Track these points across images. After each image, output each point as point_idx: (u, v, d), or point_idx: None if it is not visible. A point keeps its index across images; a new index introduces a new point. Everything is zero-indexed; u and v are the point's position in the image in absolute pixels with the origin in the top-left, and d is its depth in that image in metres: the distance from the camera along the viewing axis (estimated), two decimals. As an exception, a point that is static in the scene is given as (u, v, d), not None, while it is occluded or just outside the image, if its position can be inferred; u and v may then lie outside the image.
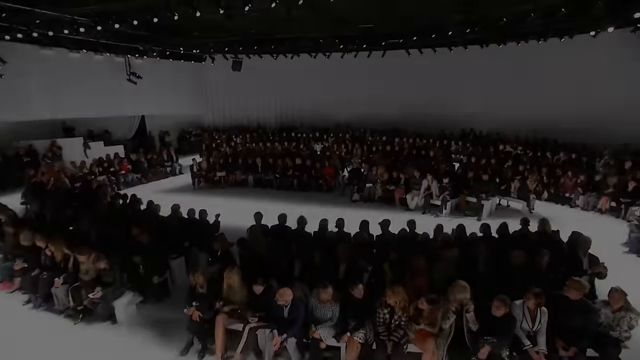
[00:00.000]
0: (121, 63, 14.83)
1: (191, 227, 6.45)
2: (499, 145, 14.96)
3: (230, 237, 6.88)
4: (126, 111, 15.85)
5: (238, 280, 4.28)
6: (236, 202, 10.75)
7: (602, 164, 12.16)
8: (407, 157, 13.57)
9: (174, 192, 11.99)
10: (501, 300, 3.77)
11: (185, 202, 10.51)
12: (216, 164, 12.76)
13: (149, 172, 13.38)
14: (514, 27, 11.97)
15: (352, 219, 8.81)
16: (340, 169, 13.22)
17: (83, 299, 4.64)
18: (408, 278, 4.55)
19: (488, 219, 9.13)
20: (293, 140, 17.38)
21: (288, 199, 11.10)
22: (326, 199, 11.05)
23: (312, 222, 6.37)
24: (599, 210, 9.65)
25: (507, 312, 3.79)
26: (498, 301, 3.77)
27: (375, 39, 14.23)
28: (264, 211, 6.76)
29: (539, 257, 4.65)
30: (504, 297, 3.81)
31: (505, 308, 3.77)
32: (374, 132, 18.93)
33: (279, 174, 12.22)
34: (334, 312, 4.13)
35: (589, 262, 4.87)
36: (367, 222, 6.04)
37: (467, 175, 9.79)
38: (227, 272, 4.26)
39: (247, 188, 12.55)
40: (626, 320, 3.85)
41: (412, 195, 9.96)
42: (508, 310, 3.80)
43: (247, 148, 15.75)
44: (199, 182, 12.45)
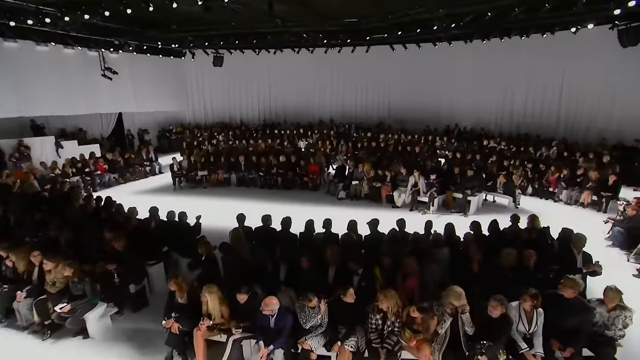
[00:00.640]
0: (95, 57, 14.05)
1: (170, 230, 6.10)
2: (483, 141, 15.04)
3: (212, 240, 6.57)
4: (101, 108, 15.08)
5: (216, 299, 3.98)
6: (219, 202, 10.40)
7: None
8: (392, 154, 13.47)
9: (154, 193, 11.53)
10: (497, 300, 3.64)
11: (165, 202, 10.17)
12: (197, 163, 12.34)
13: (126, 172, 12.83)
14: (498, 23, 11.97)
15: (338, 217, 8.60)
16: (326, 166, 13.01)
17: (50, 313, 4.25)
18: (399, 280, 4.38)
19: (475, 215, 9.15)
20: (277, 137, 17.03)
21: (272, 197, 10.83)
22: (312, 198, 10.83)
23: (297, 222, 6.14)
24: (581, 204, 9.78)
25: (503, 312, 3.66)
26: (494, 301, 3.64)
27: (359, 33, 14.00)
28: (247, 211, 6.48)
29: (529, 255, 4.55)
30: (500, 296, 3.69)
31: (501, 308, 3.64)
32: (358, 128, 18.79)
33: (263, 172, 11.90)
34: (323, 319, 3.91)
35: (583, 260, 4.79)
36: (355, 223, 5.84)
37: (454, 172, 9.72)
38: (204, 291, 3.95)
39: (229, 187, 12.20)
40: (621, 319, 3.78)
41: (399, 192, 9.84)
42: (504, 310, 3.67)
43: (230, 146, 15.33)
44: (179, 182, 11.99)
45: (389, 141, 15.32)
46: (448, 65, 17.15)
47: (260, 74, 20.74)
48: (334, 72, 20.10)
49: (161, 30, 13.51)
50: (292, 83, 20.71)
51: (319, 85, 20.73)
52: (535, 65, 14.83)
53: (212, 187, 12.03)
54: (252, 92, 21.44)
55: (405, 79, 18.65)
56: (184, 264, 6.15)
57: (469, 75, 16.78)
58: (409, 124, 18.58)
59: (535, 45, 14.09)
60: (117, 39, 13.30)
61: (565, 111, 14.69)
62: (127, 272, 4.82)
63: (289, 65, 19.91)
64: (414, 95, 18.82)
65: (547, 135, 14.70)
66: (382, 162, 11.86)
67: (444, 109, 18.24)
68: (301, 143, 16.62)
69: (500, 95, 16.33)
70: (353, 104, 20.58)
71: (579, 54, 13.38)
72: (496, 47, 14.90)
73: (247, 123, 21.22)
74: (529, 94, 15.52)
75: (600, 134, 13.65)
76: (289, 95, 21.14)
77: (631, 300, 4.09)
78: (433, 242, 5.03)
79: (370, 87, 19.99)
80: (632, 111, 12.75)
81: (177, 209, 6.66)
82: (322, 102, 21.00)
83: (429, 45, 15.97)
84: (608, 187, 9.42)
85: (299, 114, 21.20)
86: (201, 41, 15.46)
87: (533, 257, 4.50)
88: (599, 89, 13.46)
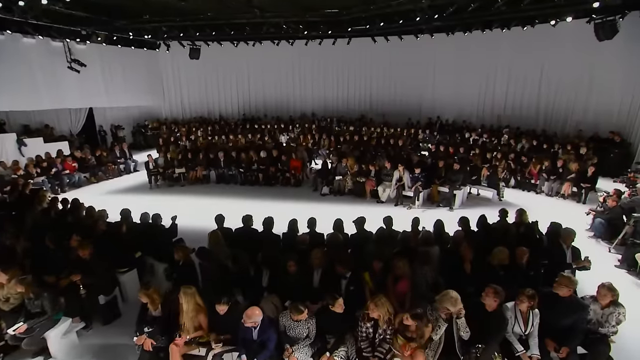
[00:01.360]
0: (59, 48, 13.01)
1: (143, 234, 5.68)
2: (465, 133, 15.08)
3: (192, 242, 6.20)
4: (69, 103, 14.11)
5: (193, 303, 3.65)
6: (198, 201, 9.97)
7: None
8: (376, 147, 13.31)
9: (129, 192, 10.95)
10: (493, 287, 3.48)
11: (141, 202, 9.72)
12: (174, 160, 11.79)
13: (99, 170, 12.13)
14: (480, 15, 11.90)
15: (322, 214, 8.37)
16: (308, 161, 12.72)
17: (3, 334, 3.81)
18: (390, 283, 4.16)
19: (460, 209, 9.11)
20: (257, 132, 16.57)
21: (253, 195, 10.49)
22: (294, 194, 10.55)
23: (281, 221, 5.85)
24: (562, 196, 9.89)
25: (498, 303, 3.51)
26: (489, 288, 3.48)
27: (340, 25, 13.67)
28: (228, 209, 6.13)
29: (522, 253, 4.43)
30: (497, 286, 3.52)
31: (494, 297, 3.48)
32: (340, 122, 18.55)
33: (243, 169, 11.50)
34: (310, 329, 3.65)
35: (572, 255, 4.71)
36: (341, 222, 5.58)
37: (439, 165, 9.62)
38: (181, 294, 3.62)
39: (209, 185, 11.75)
40: (615, 316, 3.70)
41: (383, 187, 9.67)
42: (499, 301, 3.52)
43: (208, 141, 14.78)
44: (156, 180, 11.44)
45: (372, 135, 15.16)
46: (430, 57, 17.12)
47: (239, 67, 20.14)
48: (315, 64, 19.73)
49: (132, 20, 12.74)
50: (272, 76, 20.23)
51: (300, 78, 20.33)
52: (516, 58, 14.93)
53: (191, 185, 11.56)
54: (231, 85, 20.81)
55: (387, 71, 18.52)
56: (160, 270, 5.75)
57: (451, 68, 16.79)
58: (391, 117, 18.49)
59: (515, 38, 14.16)
60: (83, 28, 12.40)
61: (544, 103, 14.89)
62: (95, 282, 4.40)
63: (268, 57, 19.41)
64: (396, 88, 18.75)
65: (528, 127, 14.88)
66: (365, 156, 11.67)
67: (425, 101, 18.22)
68: (282, 137, 16.28)
69: (482, 87, 16.41)
70: (335, 97, 20.31)
71: (558, 46, 13.51)
72: (477, 39, 14.89)
73: (226, 118, 20.61)
74: (509, 86, 15.64)
75: (577, 126, 13.91)
76: (269, 89, 20.65)
77: (622, 294, 4.03)
78: (423, 240, 4.84)
79: (352, 80, 19.76)
80: (606, 104, 13.01)
81: (153, 208, 6.27)
82: (303, 95, 20.63)
83: (411, 38, 15.82)
84: (587, 179, 9.56)
85: (280, 107, 20.78)
86: (176, 32, 14.72)
87: (526, 255, 4.38)
88: (576, 81, 13.66)
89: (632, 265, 6.09)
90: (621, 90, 12.50)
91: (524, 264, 4.45)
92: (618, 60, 12.22)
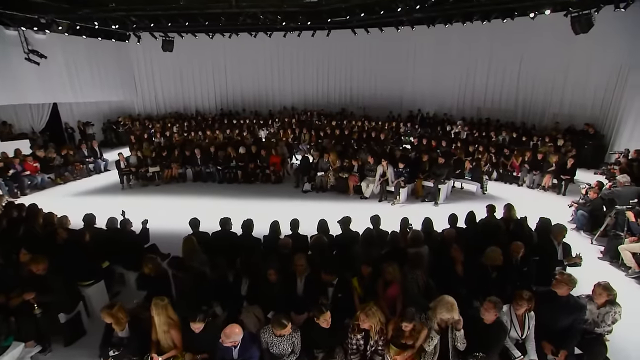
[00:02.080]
0: (15, 38, 11.86)
1: (110, 241, 5.20)
2: (447, 126, 15.05)
3: (167, 246, 5.81)
4: (29, 98, 13.01)
5: (164, 316, 3.28)
6: (173, 201, 9.48)
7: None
8: (358, 141, 13.07)
9: (98, 194, 10.28)
10: (493, 302, 3.25)
11: (112, 204, 9.09)
12: (148, 158, 11.16)
13: (65, 171, 11.34)
14: (461, 7, 11.78)
15: (305, 212, 8.11)
16: (288, 157, 12.35)
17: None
18: (380, 289, 3.90)
19: (445, 203, 9.01)
20: (236, 127, 16.01)
21: (232, 193, 10.07)
22: (275, 191, 10.21)
23: (261, 221, 5.50)
24: (543, 188, 9.97)
25: (497, 315, 3.30)
26: (489, 302, 3.25)
27: (319, 15, 13.25)
28: (205, 210, 5.72)
29: (517, 248, 4.27)
30: (496, 299, 3.30)
31: (495, 311, 3.26)
32: (321, 116, 18.21)
33: (221, 166, 11.02)
34: (295, 344, 3.34)
35: (563, 252, 4.59)
36: (325, 222, 5.26)
37: (423, 160, 9.47)
38: (152, 307, 3.23)
39: (185, 183, 11.22)
40: (611, 315, 3.58)
41: (366, 182, 9.45)
42: (498, 314, 3.31)
43: (184, 138, 14.13)
44: (128, 180, 10.79)
45: (353, 129, 14.92)
46: (410, 49, 16.98)
47: (216, 60, 19.42)
48: (294, 57, 19.27)
49: (96, 9, 11.86)
50: (250, 69, 19.63)
51: (279, 71, 19.82)
52: (495, 50, 14.98)
53: (166, 184, 10.99)
54: (207, 79, 20.04)
55: (367, 64, 18.28)
56: (131, 279, 5.32)
57: (431, 60, 16.71)
58: (372, 110, 18.31)
59: (495, 31, 14.16)
60: (41, 16, 11.39)
61: (522, 96, 15.02)
62: (53, 299, 3.93)
63: (246, 50, 18.80)
64: (377, 81, 18.57)
65: (507, 120, 15.00)
66: (347, 150, 11.42)
67: (406, 94, 18.13)
68: (262, 133, 15.81)
69: (462, 80, 16.41)
70: (314, 91, 19.95)
71: (537, 40, 13.60)
72: (458, 31, 14.81)
73: (203, 113, 19.86)
74: (489, 79, 15.69)
75: (554, 118, 14.11)
76: (246, 83, 20.04)
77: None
78: (411, 240, 4.60)
79: (332, 73, 19.43)
80: (581, 97, 13.24)
81: (126, 210, 5.76)
82: (282, 89, 20.15)
83: (391, 29, 15.57)
84: (567, 171, 9.66)
85: (259, 102, 20.25)
86: (146, 22, 13.87)
87: (522, 250, 4.22)
88: (553, 74, 13.82)
89: (615, 257, 6.11)
90: (595, 84, 12.73)
91: (518, 259, 4.29)
92: (593, 54, 12.41)
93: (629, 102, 11.34)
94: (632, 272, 5.66)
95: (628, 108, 11.37)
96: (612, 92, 12.24)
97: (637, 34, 11.00)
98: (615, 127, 11.88)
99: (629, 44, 11.31)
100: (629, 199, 6.14)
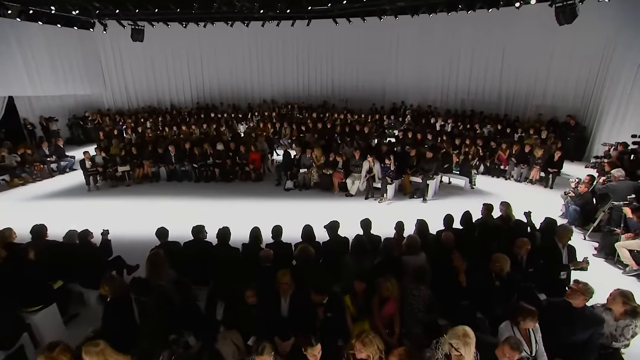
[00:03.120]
0: None
1: (63, 257, 4.51)
2: (431, 119, 14.75)
3: (138, 255, 5.07)
4: (-24, 91, 11.87)
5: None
6: (145, 203, 8.77)
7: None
8: (341, 135, 12.58)
9: (60, 197, 9.39)
10: (509, 344, 2.68)
11: (76, 208, 8.40)
12: (117, 156, 10.32)
13: (22, 172, 10.35)
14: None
15: (288, 213, 7.62)
16: (269, 152, 11.75)
17: None
18: (376, 307, 3.44)
19: (433, 199, 8.68)
20: (213, 121, 15.20)
21: (210, 193, 9.44)
22: (255, 190, 9.64)
23: (241, 223, 4.93)
24: (530, 181, 9.80)
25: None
26: (506, 345, 2.68)
27: (299, 3, 12.58)
28: (180, 211, 5.11)
29: (522, 245, 3.90)
30: (516, 340, 2.80)
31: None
32: (302, 109, 17.59)
33: (197, 164, 10.31)
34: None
35: (568, 255, 4.25)
36: (311, 229, 4.71)
37: (410, 154, 9.08)
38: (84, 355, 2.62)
39: (158, 183, 10.46)
40: (631, 329, 3.24)
41: (352, 179, 8.99)
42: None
43: (157, 134, 13.26)
44: (95, 181, 9.94)
45: (336, 122, 14.42)
46: (393, 40, 16.55)
47: (191, 50, 18.44)
48: (273, 48, 18.53)
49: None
50: (227, 61, 18.79)
51: (258, 63, 19.05)
52: (479, 41, 14.71)
53: (138, 184, 10.20)
54: (182, 71, 19.03)
55: (349, 55, 17.78)
56: (92, 298, 4.68)
57: (415, 51, 16.34)
58: (354, 102, 17.85)
59: (479, 21, 13.88)
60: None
61: (506, 87, 14.88)
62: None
63: (222, 40, 17.92)
64: (359, 73, 18.11)
65: (491, 112, 14.83)
66: (331, 145, 10.92)
67: (389, 86, 17.75)
68: (241, 127, 15.09)
69: (445, 71, 16.13)
70: (295, 83, 19.31)
71: (519, 30, 13.42)
72: (442, 21, 14.47)
73: (178, 107, 18.87)
74: (472, 70, 15.46)
75: (537, 110, 14.04)
76: (224, 75, 19.17)
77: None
78: (407, 247, 4.16)
79: (313, 65, 18.81)
80: (564, 88, 13.17)
81: (91, 215, 5.09)
82: (261, 81, 19.41)
83: (374, 19, 15.05)
84: (554, 163, 9.51)
85: (237, 95, 19.43)
86: (110, 8, 12.83)
87: (526, 246, 3.85)
88: (536, 65, 13.69)
89: (611, 253, 5.89)
90: (577, 75, 12.66)
91: (524, 257, 3.92)
92: (575, 46, 12.31)
93: (610, 93, 11.27)
94: (630, 270, 5.45)
95: (610, 99, 11.31)
96: (594, 83, 12.19)
97: (619, 25, 10.90)
98: (597, 119, 11.84)
99: (612, 34, 11.23)
100: (625, 194, 5.91)
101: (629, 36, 10.46)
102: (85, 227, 4.93)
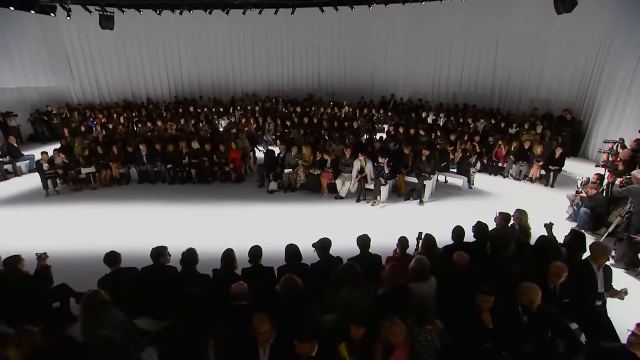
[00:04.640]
0: None
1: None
2: (422, 113, 14.08)
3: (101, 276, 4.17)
4: None
5: None
6: (112, 209, 7.82)
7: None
8: (329, 131, 11.76)
9: (13, 203, 8.31)
10: None
11: (31, 217, 7.35)
12: (80, 156, 9.26)
13: (-31, 174, 9.20)
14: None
15: (271, 218, 6.90)
16: (251, 150, 10.86)
17: None
18: (379, 357, 2.67)
19: (430, 201, 8.01)
20: (192, 116, 14.15)
21: (185, 196, 8.54)
22: (235, 192, 8.81)
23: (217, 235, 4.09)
24: (530, 179, 9.26)
25: None
26: None
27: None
28: (151, 217, 4.18)
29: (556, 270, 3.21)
30: None
31: None
32: (287, 103, 16.68)
33: (172, 163, 9.35)
34: None
35: (604, 279, 3.51)
36: (296, 249, 3.87)
37: (405, 152, 8.35)
38: None
39: (128, 186, 9.46)
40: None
41: (342, 179, 8.22)
42: None
43: (127, 131, 12.15)
44: (54, 185, 8.87)
45: (322, 116, 13.59)
46: (382, 30, 15.76)
47: (168, 40, 17.28)
48: (255, 38, 17.52)
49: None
50: (206, 52, 17.64)
51: (240, 53, 18.00)
52: (472, 30, 14.08)
53: (105, 188, 9.16)
54: (158, 63, 17.81)
55: (336, 45, 16.94)
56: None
57: (405, 41, 15.60)
58: (342, 96, 17.04)
59: (472, 9, 13.25)
60: None
61: (499, 80, 14.32)
62: None
63: (200, 29, 16.79)
64: (346, 65, 17.32)
65: (484, 106, 14.27)
66: (319, 142, 10.10)
67: (378, 78, 17.03)
68: (222, 123, 14.11)
69: (437, 63, 15.47)
70: (279, 75, 18.36)
71: (514, 18, 12.84)
72: (433, 9, 13.77)
73: (155, 101, 17.65)
74: (464, 62, 14.86)
75: (532, 104, 13.55)
76: (203, 67, 18.06)
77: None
78: (415, 272, 3.39)
79: (298, 56, 17.87)
80: (559, 82, 12.69)
81: (47, 225, 4.14)
82: (243, 73, 18.40)
83: (363, 7, 14.22)
84: (555, 160, 8.98)
85: (218, 88, 18.35)
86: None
87: (564, 274, 3.16)
88: (531, 56, 13.16)
89: (634, 263, 5.30)
90: (573, 68, 12.17)
91: (557, 287, 3.22)
92: (572, 35, 11.79)
93: (608, 88, 10.78)
94: (657, 284, 4.86)
95: (607, 93, 10.82)
96: (590, 77, 11.71)
97: (617, 16, 10.41)
98: (594, 114, 11.37)
99: (609, 26, 10.73)
100: (647, 197, 5.32)
101: (627, 29, 9.97)
102: (40, 239, 4.02)
